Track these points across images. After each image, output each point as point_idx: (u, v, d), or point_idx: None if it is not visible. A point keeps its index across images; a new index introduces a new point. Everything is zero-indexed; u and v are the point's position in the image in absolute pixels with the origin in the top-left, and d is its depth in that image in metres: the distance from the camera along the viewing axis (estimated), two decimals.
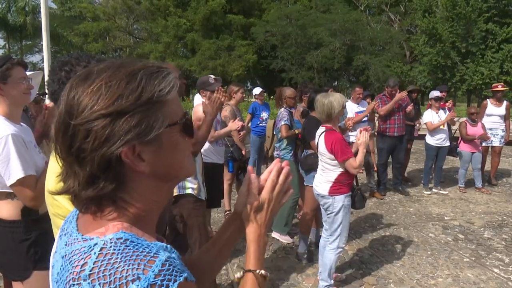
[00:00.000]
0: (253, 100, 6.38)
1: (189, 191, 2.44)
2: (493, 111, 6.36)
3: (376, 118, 6.22)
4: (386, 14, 31.14)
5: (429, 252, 3.94)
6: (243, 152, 4.39)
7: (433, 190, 6.15)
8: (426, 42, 22.71)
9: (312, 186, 3.25)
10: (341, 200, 2.90)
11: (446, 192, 6.09)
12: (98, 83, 0.60)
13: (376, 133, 6.32)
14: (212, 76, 3.91)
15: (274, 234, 4.22)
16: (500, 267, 3.64)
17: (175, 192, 2.41)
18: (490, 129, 6.24)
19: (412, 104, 5.97)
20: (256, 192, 0.83)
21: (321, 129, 3.07)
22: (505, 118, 6.37)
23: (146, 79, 0.62)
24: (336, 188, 2.92)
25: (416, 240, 4.27)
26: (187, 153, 0.72)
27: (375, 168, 6.37)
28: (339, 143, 2.86)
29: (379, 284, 3.29)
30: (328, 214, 3.00)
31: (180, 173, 0.72)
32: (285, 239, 4.15)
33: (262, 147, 6.15)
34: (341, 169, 2.91)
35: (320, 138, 3.03)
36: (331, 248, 3.00)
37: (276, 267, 3.59)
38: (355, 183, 3.25)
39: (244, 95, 4.97)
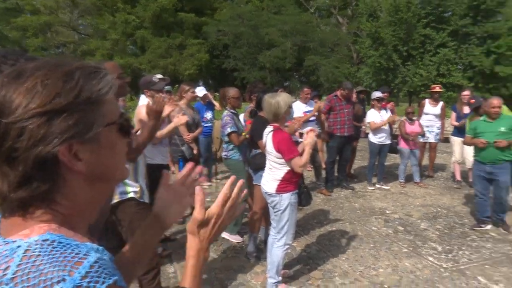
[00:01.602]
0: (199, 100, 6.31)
1: (131, 195, 2.38)
2: (430, 110, 6.85)
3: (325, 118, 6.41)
4: (335, 17, 32.32)
5: (371, 245, 4.16)
6: (195, 151, 4.35)
7: (377, 185, 6.49)
8: (371, 45, 23.84)
9: (260, 185, 3.29)
10: (287, 198, 2.97)
11: (388, 187, 6.45)
12: (33, 81, 0.58)
13: (323, 133, 6.54)
14: (158, 75, 3.83)
15: (224, 234, 4.22)
16: (434, 255, 3.92)
17: (117, 198, 2.34)
18: (427, 126, 6.75)
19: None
20: (202, 205, 0.82)
21: (269, 128, 3.12)
22: (441, 117, 6.87)
23: (84, 79, 0.62)
24: (283, 186, 2.99)
25: (360, 233, 4.48)
26: (123, 154, 0.72)
27: (324, 166, 6.59)
28: (286, 142, 2.92)
29: (325, 278, 3.42)
30: (275, 212, 3.06)
31: (116, 173, 0.71)
32: (235, 239, 4.18)
33: (209, 148, 6.14)
34: (288, 168, 2.98)
35: (268, 137, 3.08)
36: (278, 245, 3.06)
37: (225, 267, 3.60)
38: (302, 180, 3.34)
39: (196, 95, 4.91)
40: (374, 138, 6.32)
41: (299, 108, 6.02)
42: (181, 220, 4.68)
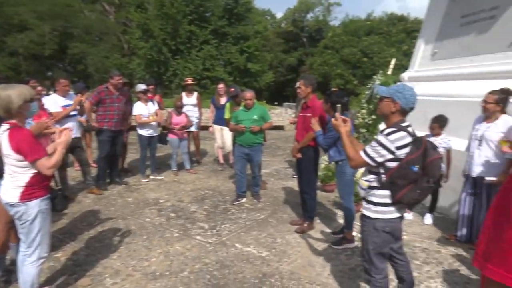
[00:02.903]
0: None
1: None
2: (187, 101, 7.42)
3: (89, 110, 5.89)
4: (101, 3, 30.31)
5: (144, 237, 4.17)
6: None
7: (151, 177, 6.57)
8: (141, 36, 23.74)
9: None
10: (36, 205, 2.58)
11: (162, 177, 6.65)
12: None
13: (91, 127, 6.08)
14: None
15: None
16: (202, 234, 4.31)
17: None
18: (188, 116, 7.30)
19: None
20: None
21: (4, 126, 2.60)
22: (198, 106, 7.54)
23: None
24: (29, 192, 2.57)
25: (133, 228, 4.42)
26: None
27: (92, 164, 6.13)
28: (27, 141, 2.51)
29: (94, 283, 3.20)
30: (22, 224, 2.61)
31: None
32: None
33: None
34: (33, 171, 2.58)
35: (3, 137, 2.56)
36: (30, 262, 2.64)
37: None
38: (54, 183, 2.98)
39: None
40: (142, 131, 6.32)
41: (57, 102, 5.33)
42: None
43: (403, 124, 2.35)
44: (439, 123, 4.41)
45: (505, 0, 4.76)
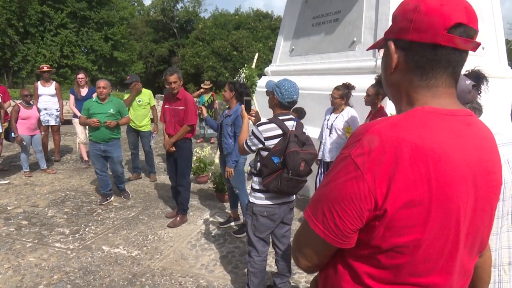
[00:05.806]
0: None
1: None
2: (44, 91, 6.59)
3: None
4: None
5: None
6: None
7: None
8: None
9: None
10: None
11: (8, 181, 5.72)
12: None
13: None
14: None
15: None
16: (61, 240, 3.88)
17: None
18: (45, 108, 6.51)
19: None
20: None
21: None
22: (57, 97, 6.73)
23: None
24: None
25: None
26: None
27: None
28: None
29: None
30: None
31: None
32: None
33: None
34: None
35: None
36: None
37: None
38: None
39: None
40: None
41: None
42: None
43: (280, 117, 2.54)
44: (297, 114, 4.87)
45: (346, 5, 5.50)
